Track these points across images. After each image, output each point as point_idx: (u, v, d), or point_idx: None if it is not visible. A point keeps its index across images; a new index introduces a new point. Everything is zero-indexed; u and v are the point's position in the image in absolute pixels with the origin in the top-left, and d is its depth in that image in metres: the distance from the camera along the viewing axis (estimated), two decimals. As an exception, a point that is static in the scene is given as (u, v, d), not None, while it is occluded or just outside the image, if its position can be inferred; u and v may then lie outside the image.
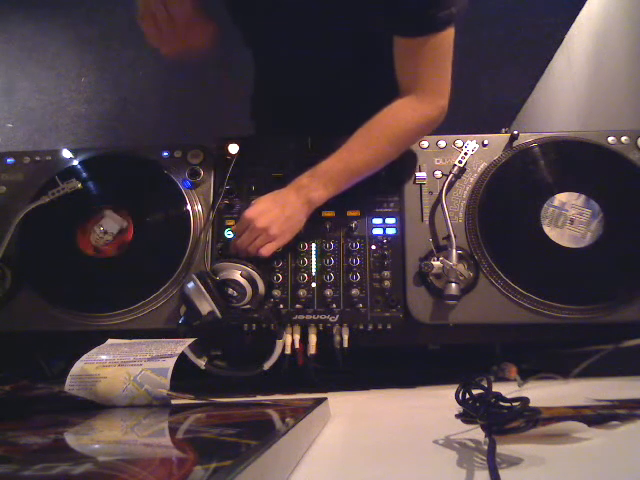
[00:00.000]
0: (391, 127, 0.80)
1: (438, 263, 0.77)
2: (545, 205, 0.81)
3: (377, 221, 0.84)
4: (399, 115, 0.80)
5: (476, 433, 0.43)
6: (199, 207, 0.86)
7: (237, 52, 1.01)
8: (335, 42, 0.88)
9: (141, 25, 0.77)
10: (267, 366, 0.77)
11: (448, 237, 0.79)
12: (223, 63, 0.93)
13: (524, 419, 0.39)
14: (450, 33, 0.76)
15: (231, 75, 0.93)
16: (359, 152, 0.80)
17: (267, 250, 0.79)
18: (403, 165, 0.86)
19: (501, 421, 0.39)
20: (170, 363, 0.58)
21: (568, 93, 1.77)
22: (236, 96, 1.19)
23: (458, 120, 0.85)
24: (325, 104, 0.99)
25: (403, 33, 0.76)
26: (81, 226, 0.86)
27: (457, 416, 0.47)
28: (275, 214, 0.78)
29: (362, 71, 0.95)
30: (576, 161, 0.85)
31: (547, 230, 0.80)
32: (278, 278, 0.81)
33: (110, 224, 0.84)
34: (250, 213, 0.79)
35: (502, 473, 0.33)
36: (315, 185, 0.79)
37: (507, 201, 0.84)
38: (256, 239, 0.78)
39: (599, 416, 0.47)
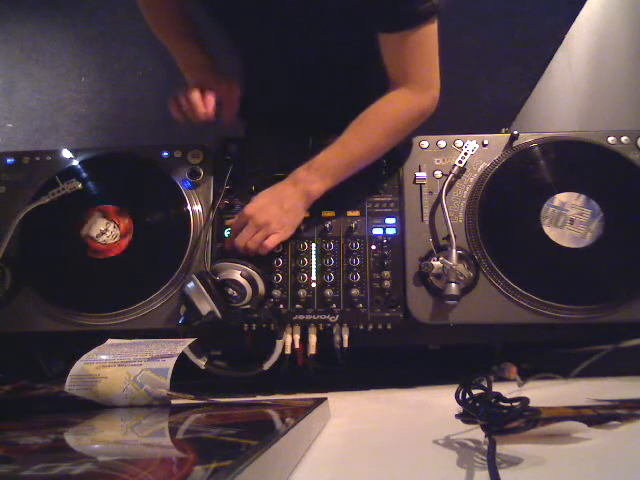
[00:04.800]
0: (385, 119, 0.81)
1: (438, 263, 0.77)
2: (545, 205, 0.81)
3: (377, 221, 0.83)
4: (392, 106, 0.81)
5: (476, 433, 0.43)
6: (199, 207, 0.86)
7: (232, 51, 1.01)
8: (323, 42, 0.88)
9: (170, 107, 0.87)
10: (267, 366, 0.77)
11: (448, 237, 0.79)
12: (223, 63, 0.93)
13: (524, 419, 0.39)
14: (433, 25, 0.77)
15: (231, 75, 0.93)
16: (354, 144, 0.80)
17: (271, 242, 0.79)
18: (403, 165, 0.86)
19: (501, 421, 0.39)
20: (170, 363, 0.58)
21: (568, 93, 1.77)
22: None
23: (458, 120, 0.85)
24: (315, 104, 0.99)
25: (386, 29, 0.77)
26: (81, 226, 0.85)
27: (457, 416, 0.47)
28: (274, 209, 0.79)
29: (351, 70, 0.95)
30: (576, 161, 0.85)
31: (547, 230, 0.80)
32: (278, 278, 0.81)
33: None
34: (249, 210, 0.79)
35: (502, 473, 0.33)
36: (312, 178, 0.79)
37: (507, 201, 0.84)
38: (256, 234, 0.78)
39: (599, 416, 0.47)
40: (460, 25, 1.92)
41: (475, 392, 0.46)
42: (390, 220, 0.83)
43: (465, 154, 0.84)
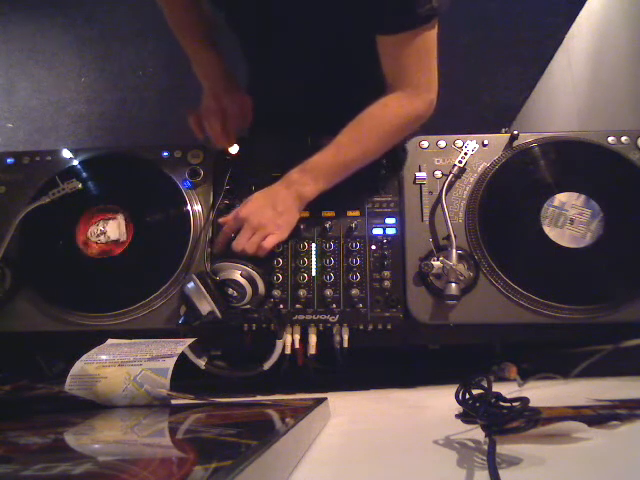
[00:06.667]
0: (380, 122, 0.81)
1: (438, 263, 0.77)
2: (545, 205, 0.81)
3: (377, 221, 0.83)
4: (388, 110, 0.81)
5: (476, 433, 0.43)
6: (199, 207, 0.86)
7: (237, 52, 1.01)
8: (324, 44, 0.88)
9: (191, 124, 0.88)
10: (267, 366, 0.77)
11: (448, 237, 0.79)
12: (230, 64, 0.93)
13: (524, 419, 0.39)
14: (433, 27, 0.76)
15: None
16: (349, 147, 0.80)
17: (269, 243, 0.79)
18: (403, 165, 0.86)
19: (501, 421, 0.39)
20: (170, 363, 0.58)
21: (568, 93, 1.77)
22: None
23: (458, 120, 0.85)
24: (317, 104, 0.99)
25: (384, 31, 0.76)
26: (81, 226, 0.85)
27: (457, 416, 0.47)
28: (268, 212, 0.79)
29: (353, 71, 0.95)
30: (576, 161, 0.85)
31: (547, 230, 0.80)
32: (278, 278, 0.81)
33: (113, 230, 0.84)
34: (243, 212, 0.79)
35: (502, 473, 0.33)
36: (306, 180, 0.79)
37: (507, 201, 0.84)
38: (252, 237, 0.78)
39: (599, 416, 0.47)
40: (460, 25, 1.92)
41: (475, 392, 0.46)
42: (390, 220, 0.83)
43: (465, 154, 0.84)
